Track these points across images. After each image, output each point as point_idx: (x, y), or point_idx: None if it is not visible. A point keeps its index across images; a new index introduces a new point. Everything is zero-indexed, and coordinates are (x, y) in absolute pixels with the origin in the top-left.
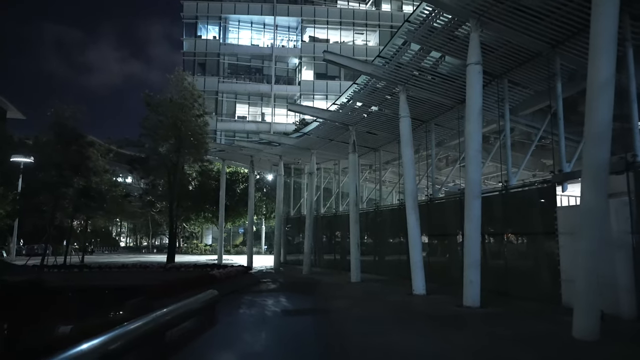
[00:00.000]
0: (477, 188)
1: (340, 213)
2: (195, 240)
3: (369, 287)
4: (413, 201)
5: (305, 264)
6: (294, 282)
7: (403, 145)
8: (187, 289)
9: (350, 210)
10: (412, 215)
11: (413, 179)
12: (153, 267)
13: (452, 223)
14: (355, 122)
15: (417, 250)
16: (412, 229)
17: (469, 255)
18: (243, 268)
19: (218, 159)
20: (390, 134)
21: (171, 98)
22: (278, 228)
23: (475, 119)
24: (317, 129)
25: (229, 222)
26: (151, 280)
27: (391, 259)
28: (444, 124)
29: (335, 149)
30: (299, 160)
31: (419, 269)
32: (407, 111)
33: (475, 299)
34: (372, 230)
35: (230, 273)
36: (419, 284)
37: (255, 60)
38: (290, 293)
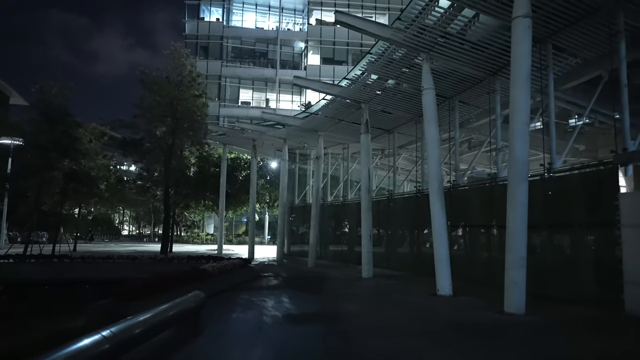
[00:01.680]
0: (524, 169)
1: (349, 201)
2: (196, 230)
3: (383, 284)
4: (438, 186)
5: (310, 256)
6: (298, 276)
7: (426, 122)
8: (168, 288)
9: (362, 197)
10: (436, 202)
11: (437, 161)
12: (142, 259)
13: (478, 213)
14: (369, 99)
15: (442, 244)
16: (437, 218)
17: (514, 251)
18: (241, 261)
19: (219, 144)
20: (406, 112)
21: (167, 76)
22: (282, 217)
23: (523, 84)
24: (326, 108)
25: (230, 211)
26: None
27: (406, 252)
28: (469, 101)
29: (344, 130)
30: (305, 144)
31: (445, 266)
32: (430, 82)
33: (520, 304)
34: (384, 221)
35: (225, 267)
36: (444, 282)
37: (260, 43)
38: (293, 291)
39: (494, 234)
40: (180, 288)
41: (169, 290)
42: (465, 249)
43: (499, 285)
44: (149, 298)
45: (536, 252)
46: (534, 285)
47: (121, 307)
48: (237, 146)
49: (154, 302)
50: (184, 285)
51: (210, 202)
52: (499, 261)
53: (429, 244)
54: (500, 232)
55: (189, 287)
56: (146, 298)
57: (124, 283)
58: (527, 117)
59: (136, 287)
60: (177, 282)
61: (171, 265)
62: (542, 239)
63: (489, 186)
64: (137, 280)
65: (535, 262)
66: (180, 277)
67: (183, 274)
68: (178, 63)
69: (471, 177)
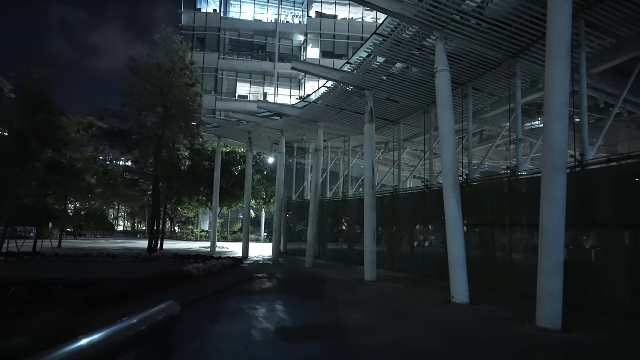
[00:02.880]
0: (562, 158)
1: (350, 197)
2: (190, 226)
3: (389, 289)
4: (453, 180)
5: (308, 256)
6: (294, 278)
7: (440, 108)
8: (141, 295)
9: (365, 193)
10: (451, 198)
11: (453, 151)
12: (124, 257)
13: (495, 211)
14: (373, 85)
15: (458, 245)
16: (452, 216)
17: (549, 255)
18: (232, 261)
19: (213, 137)
20: (414, 101)
21: (159, 63)
22: (278, 214)
23: (562, 58)
24: (326, 96)
25: (225, 207)
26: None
27: (412, 253)
28: (485, 88)
29: (346, 121)
30: (303, 137)
31: (461, 270)
32: (445, 63)
33: (556, 319)
34: (388, 219)
35: (213, 268)
36: (460, 289)
37: (258, 36)
38: (289, 296)
39: (514, 234)
40: (156, 294)
41: (142, 298)
42: (479, 251)
43: (519, 292)
44: (116, 307)
45: (569, 255)
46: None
47: (79, 318)
48: (232, 139)
49: (120, 312)
50: (161, 290)
51: (204, 198)
52: (519, 265)
53: (438, 244)
54: (521, 232)
55: (167, 292)
56: (113, 306)
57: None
58: (566, 98)
59: (100, 295)
60: (152, 287)
61: (155, 265)
62: (573, 240)
63: (508, 181)
64: (105, 285)
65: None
66: (157, 282)
67: (161, 278)
68: (170, 49)
69: (484, 172)
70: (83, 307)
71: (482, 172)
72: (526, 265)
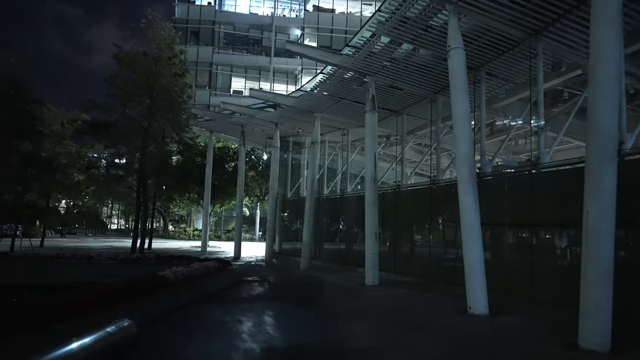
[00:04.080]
0: (612, 143)
1: (348, 194)
2: (183, 225)
3: (394, 295)
4: (469, 173)
5: (303, 257)
6: (288, 283)
7: (454, 91)
8: (103, 306)
9: (366, 188)
10: (467, 194)
11: (469, 140)
12: (100, 259)
13: (513, 208)
14: (375, 70)
15: (475, 247)
16: (468, 214)
17: (596, 261)
18: (218, 263)
19: (205, 130)
20: (420, 88)
21: (145, 51)
22: (272, 211)
23: (612, 18)
24: (324, 84)
25: (217, 205)
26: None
27: (417, 254)
28: (499, 72)
29: (345, 112)
30: (299, 130)
31: (479, 276)
32: (459, 40)
33: (604, 338)
34: (391, 217)
35: (195, 272)
36: (478, 299)
37: (254, 30)
38: (281, 305)
39: (536, 234)
40: (121, 306)
41: (99, 312)
42: (495, 253)
43: (542, 300)
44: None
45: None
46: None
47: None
48: (224, 133)
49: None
50: (128, 300)
51: (196, 195)
52: (542, 269)
53: (446, 245)
54: (544, 232)
55: (134, 303)
56: (61, 321)
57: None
58: (616, 70)
59: (48, 307)
60: (115, 297)
61: (132, 267)
62: (622, 242)
63: (529, 175)
64: (59, 294)
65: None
66: (122, 290)
67: (128, 285)
68: (157, 35)
69: (495, 167)
70: (27, 322)
71: (493, 168)
72: (550, 269)
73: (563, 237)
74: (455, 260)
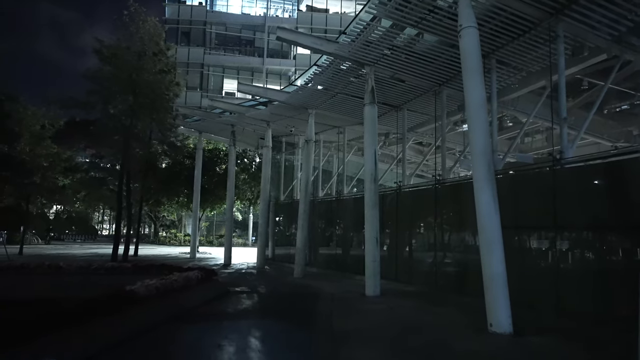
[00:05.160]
0: None
1: (345, 196)
2: (173, 230)
3: (399, 310)
4: (487, 168)
5: (297, 263)
6: (280, 294)
7: (468, 75)
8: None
9: (366, 188)
10: (485, 191)
11: (485, 130)
12: (70, 269)
13: (530, 209)
14: (374, 59)
15: (496, 255)
16: (487, 216)
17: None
18: (201, 273)
19: (194, 131)
20: (423, 79)
21: (128, 46)
22: (264, 215)
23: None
24: (318, 77)
25: (208, 208)
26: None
27: (421, 261)
28: (511, 60)
29: (340, 107)
30: (292, 129)
31: (502, 289)
32: (472, 19)
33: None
34: (391, 220)
35: (173, 284)
36: (501, 315)
37: (246, 30)
38: (271, 323)
39: (559, 237)
40: (68, 331)
41: (43, 338)
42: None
43: (569, 312)
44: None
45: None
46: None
47: None
48: (214, 134)
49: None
50: (80, 323)
51: (185, 199)
52: (568, 276)
53: (454, 250)
54: (570, 235)
55: (89, 326)
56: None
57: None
58: None
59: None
60: (68, 318)
61: (103, 278)
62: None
63: (551, 171)
64: None
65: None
66: (76, 310)
67: (85, 304)
68: (140, 29)
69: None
70: None
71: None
72: (579, 276)
73: (591, 240)
74: (465, 267)
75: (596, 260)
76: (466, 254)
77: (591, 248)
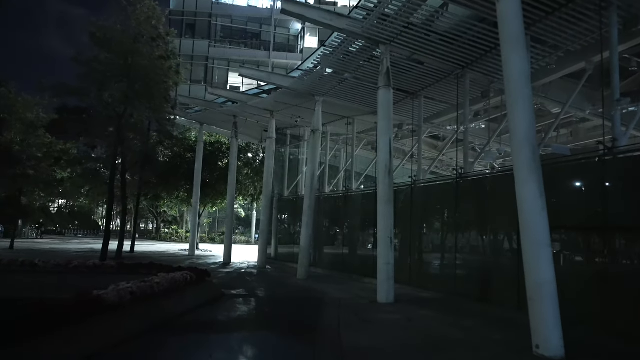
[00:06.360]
0: None
1: (353, 192)
2: (174, 226)
3: (419, 322)
4: (531, 155)
5: (301, 264)
6: (281, 299)
7: (508, 46)
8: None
9: (379, 182)
10: (530, 183)
11: (529, 110)
12: (47, 266)
13: (575, 206)
14: (390, 37)
15: (543, 259)
16: (531, 212)
17: None
18: (191, 274)
19: (195, 123)
20: (445, 61)
21: (122, 28)
22: (266, 211)
23: None
24: (326, 59)
25: (209, 204)
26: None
27: (438, 263)
28: (547, 37)
29: (350, 94)
30: (297, 120)
31: (550, 301)
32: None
33: None
34: (405, 218)
35: (154, 288)
36: (551, 334)
37: (252, 23)
38: (267, 337)
39: (611, 240)
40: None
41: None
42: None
43: (624, 329)
44: None
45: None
46: None
47: None
48: (216, 126)
49: None
50: (22, 340)
51: (185, 194)
52: (625, 287)
53: (478, 251)
54: (626, 238)
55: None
56: None
57: None
58: None
59: None
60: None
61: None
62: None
63: (599, 162)
64: None
65: None
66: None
67: (33, 314)
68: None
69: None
70: None
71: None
72: (635, 288)
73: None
74: (489, 272)
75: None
76: (491, 257)
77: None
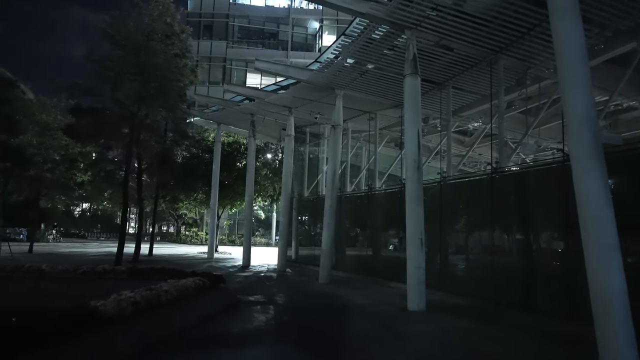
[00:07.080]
0: None
1: (377, 191)
2: (194, 228)
3: (457, 334)
4: (592, 141)
5: (322, 267)
6: (302, 306)
7: (559, 17)
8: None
9: (408, 178)
10: (592, 173)
11: (587, 88)
12: (54, 272)
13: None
14: (417, 21)
15: (613, 262)
16: (595, 207)
17: None
18: (203, 281)
19: (212, 122)
20: (477, 47)
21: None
22: (286, 212)
23: None
24: (347, 49)
25: (227, 205)
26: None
27: (473, 267)
28: (596, 14)
29: (373, 87)
30: (317, 116)
31: (622, 314)
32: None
33: None
34: (433, 218)
35: (160, 297)
36: (625, 354)
37: (270, 23)
38: (286, 353)
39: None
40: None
41: None
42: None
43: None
44: None
45: None
46: None
47: None
48: (233, 126)
49: None
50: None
51: (204, 195)
52: None
53: (519, 253)
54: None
55: None
56: None
57: None
58: None
59: None
60: None
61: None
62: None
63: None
64: None
65: None
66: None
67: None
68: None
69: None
70: None
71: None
72: None
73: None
74: (533, 277)
75: None
76: (535, 259)
77: None
